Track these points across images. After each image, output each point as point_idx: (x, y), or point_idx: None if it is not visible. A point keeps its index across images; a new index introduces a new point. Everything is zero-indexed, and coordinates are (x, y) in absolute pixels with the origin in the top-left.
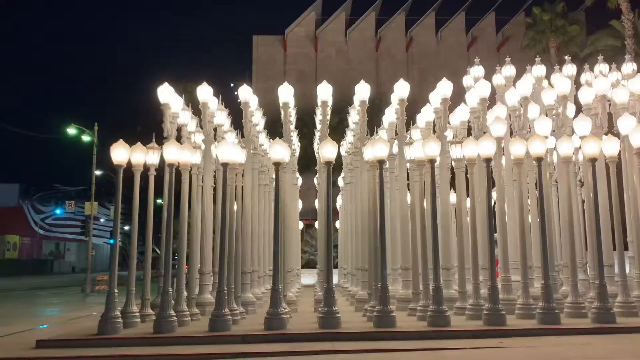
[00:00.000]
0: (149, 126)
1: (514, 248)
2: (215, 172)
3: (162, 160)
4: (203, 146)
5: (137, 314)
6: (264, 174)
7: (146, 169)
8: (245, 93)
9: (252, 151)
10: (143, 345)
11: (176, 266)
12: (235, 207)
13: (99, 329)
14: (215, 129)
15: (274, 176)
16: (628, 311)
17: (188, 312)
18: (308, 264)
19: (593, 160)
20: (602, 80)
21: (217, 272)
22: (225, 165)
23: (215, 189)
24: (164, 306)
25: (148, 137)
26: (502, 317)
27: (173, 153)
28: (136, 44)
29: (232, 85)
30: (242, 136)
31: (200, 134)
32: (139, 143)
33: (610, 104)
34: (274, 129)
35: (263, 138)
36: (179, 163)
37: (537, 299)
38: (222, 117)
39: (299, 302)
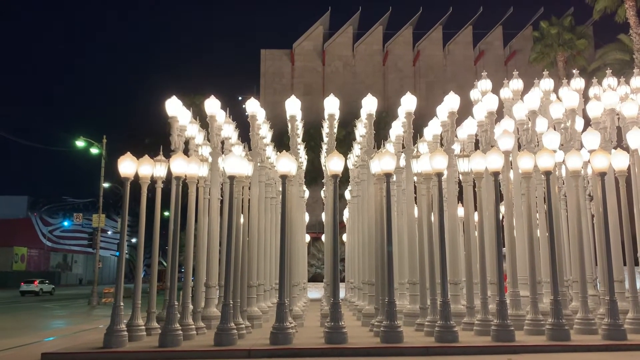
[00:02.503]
0: (157, 139)
1: (523, 263)
2: (222, 184)
3: (169, 172)
4: (210, 159)
5: (143, 327)
6: (270, 186)
7: (153, 181)
8: (253, 106)
9: (259, 164)
10: (148, 359)
11: (182, 279)
12: (241, 220)
13: (104, 342)
14: (222, 142)
15: (280, 189)
16: (638, 327)
17: (194, 326)
18: (315, 278)
19: (602, 175)
20: (610, 94)
21: (223, 285)
22: (232, 178)
23: (222, 202)
24: (169, 319)
25: (156, 149)
26: (510, 333)
27: (180, 166)
28: (147, 57)
29: (239, 98)
30: (250, 149)
31: (207, 147)
32: (146, 156)
33: (619, 118)
34: (281, 142)
35: (270, 151)
36: (186, 176)
37: (547, 315)
38: (229, 130)
39: (305, 317)
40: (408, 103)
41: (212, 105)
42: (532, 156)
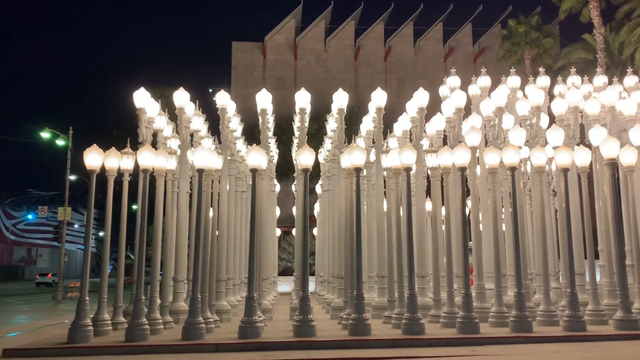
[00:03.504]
0: (126, 131)
1: (489, 256)
2: (191, 178)
3: (137, 165)
4: (179, 152)
5: (109, 321)
6: (241, 180)
7: (120, 174)
8: (223, 99)
9: (229, 157)
10: (113, 354)
11: (150, 273)
12: (211, 214)
13: (68, 338)
14: (191, 135)
15: (251, 183)
16: (598, 319)
17: (161, 320)
18: (285, 272)
19: (565, 171)
20: (574, 92)
21: (192, 279)
22: (201, 171)
23: (191, 196)
24: (136, 314)
25: (125, 142)
26: (475, 325)
27: (147, 158)
28: (115, 48)
29: (210, 90)
30: (220, 142)
31: (176, 140)
32: (113, 148)
33: (582, 116)
34: (253, 135)
35: (241, 144)
36: (153, 169)
37: (511, 307)
38: (199, 123)
39: (275, 310)
40: (378, 98)
41: (181, 97)
42: (498, 152)
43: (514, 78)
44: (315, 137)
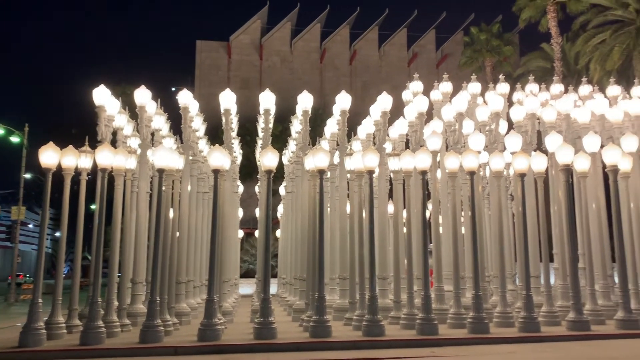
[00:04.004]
0: (85, 129)
1: (448, 259)
2: (151, 178)
3: (95, 164)
4: (139, 151)
5: (64, 324)
6: (203, 181)
7: (78, 173)
8: (185, 98)
9: (191, 157)
10: (67, 357)
11: (107, 275)
12: (171, 215)
13: (20, 341)
14: (152, 134)
15: (213, 184)
16: (552, 320)
17: (118, 323)
18: (247, 274)
19: (522, 176)
20: (532, 100)
21: (150, 281)
22: (161, 171)
23: (151, 196)
24: (91, 316)
25: (84, 140)
26: (434, 326)
27: (106, 157)
28: (76, 44)
29: (173, 89)
30: (182, 142)
31: (136, 139)
32: (70, 146)
33: (539, 122)
34: (216, 135)
35: (203, 144)
36: (112, 168)
37: (469, 309)
38: (160, 122)
39: (236, 313)
40: (343, 101)
41: (143, 95)
42: (458, 156)
43: (474, 84)
44: (279, 139)
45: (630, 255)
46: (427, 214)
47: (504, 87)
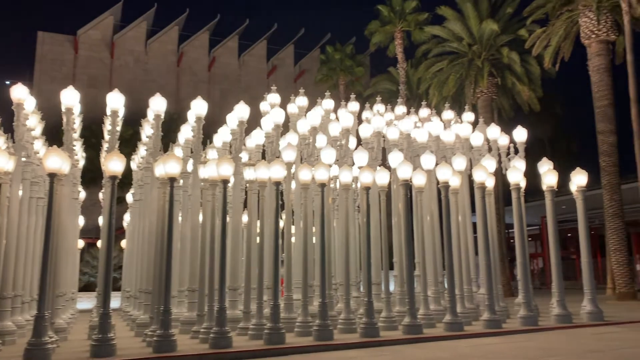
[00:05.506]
0: None
1: (299, 268)
2: None
3: None
4: None
5: None
6: (38, 185)
7: None
8: (20, 92)
9: (23, 159)
10: None
11: None
12: None
13: None
14: None
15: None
16: (390, 325)
17: None
18: (87, 287)
19: (367, 189)
20: (378, 119)
21: None
22: None
23: None
24: None
25: None
26: (282, 335)
27: None
28: None
29: (7, 83)
30: (14, 141)
31: None
32: None
33: (384, 140)
34: (58, 136)
35: (40, 145)
36: None
37: (316, 317)
38: None
39: (72, 330)
40: (199, 107)
41: None
42: (310, 169)
43: (328, 101)
44: (129, 143)
45: (458, 263)
46: (281, 224)
47: (354, 105)
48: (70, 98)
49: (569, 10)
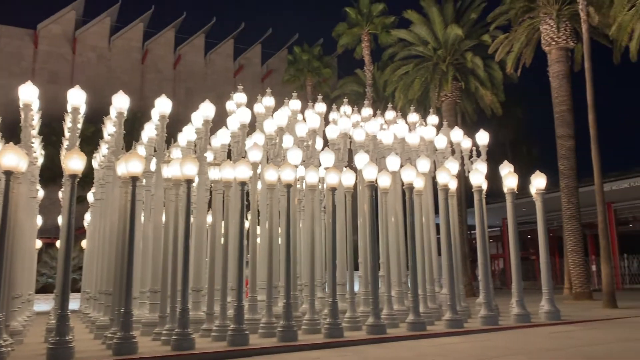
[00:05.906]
0: None
1: (264, 269)
2: None
3: None
4: None
5: None
6: None
7: None
8: None
9: None
10: None
11: None
12: None
13: None
14: None
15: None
16: (354, 325)
17: None
18: (45, 289)
19: (333, 190)
20: (345, 120)
21: None
22: None
23: None
24: None
25: None
26: (245, 337)
27: None
28: None
29: None
30: None
31: None
32: None
33: (350, 141)
34: (15, 133)
35: None
36: None
37: (280, 318)
38: None
39: (28, 332)
40: (163, 105)
41: None
42: (277, 169)
43: (295, 101)
44: (91, 141)
45: (421, 263)
46: (246, 225)
47: (321, 106)
48: (28, 93)
49: (531, 17)
